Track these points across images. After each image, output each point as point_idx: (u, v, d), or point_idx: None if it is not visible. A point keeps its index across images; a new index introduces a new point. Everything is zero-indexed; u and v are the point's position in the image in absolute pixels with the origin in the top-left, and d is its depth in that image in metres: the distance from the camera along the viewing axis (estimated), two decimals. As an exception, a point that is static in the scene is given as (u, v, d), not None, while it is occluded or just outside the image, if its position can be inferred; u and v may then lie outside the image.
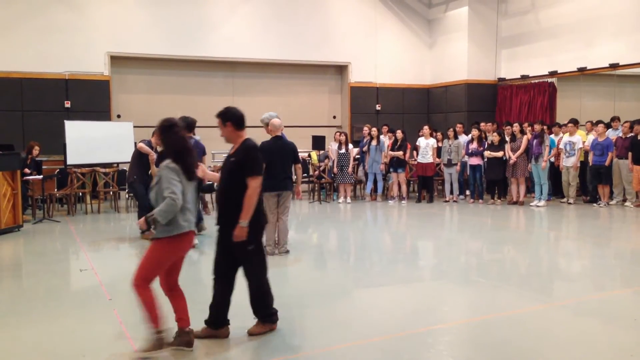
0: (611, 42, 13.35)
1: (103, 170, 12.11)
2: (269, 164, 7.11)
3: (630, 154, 11.47)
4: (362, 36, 16.78)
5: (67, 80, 13.69)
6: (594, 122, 12.52)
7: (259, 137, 7.62)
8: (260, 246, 4.72)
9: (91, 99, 13.77)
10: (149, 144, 8.90)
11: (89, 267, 6.99)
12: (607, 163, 11.74)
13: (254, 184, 4.48)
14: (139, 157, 8.97)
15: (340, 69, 17.11)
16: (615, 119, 12.44)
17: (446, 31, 16.94)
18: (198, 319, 4.52)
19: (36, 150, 11.58)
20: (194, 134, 8.64)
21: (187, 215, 4.23)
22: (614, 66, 13.25)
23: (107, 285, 6.19)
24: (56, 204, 11.72)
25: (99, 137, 12.42)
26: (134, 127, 13.17)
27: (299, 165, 7.98)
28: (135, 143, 9.47)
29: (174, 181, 4.10)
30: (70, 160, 12.07)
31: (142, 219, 4.13)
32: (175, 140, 4.25)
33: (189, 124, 8.30)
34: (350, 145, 13.30)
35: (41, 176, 11.11)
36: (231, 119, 4.64)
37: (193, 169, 4.31)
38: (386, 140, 13.37)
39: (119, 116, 14.38)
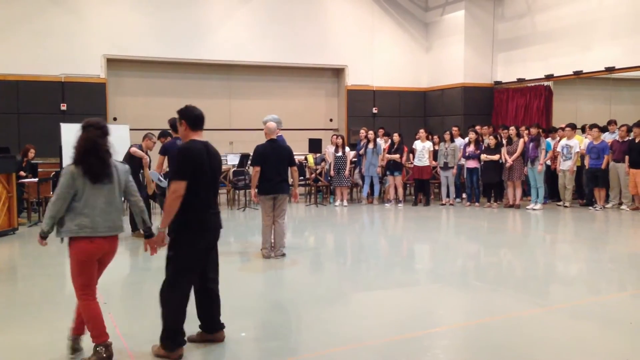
0: (607, 45, 13.38)
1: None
2: (263, 167, 7.42)
3: (627, 157, 11.49)
4: (359, 39, 16.80)
5: (63, 83, 13.67)
6: (589, 125, 12.55)
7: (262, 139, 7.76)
8: (184, 263, 4.20)
9: (87, 101, 13.74)
10: (139, 148, 9.11)
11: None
12: (603, 166, 11.76)
13: (173, 188, 4.14)
14: (130, 161, 8.97)
15: (337, 72, 17.12)
16: (612, 122, 12.47)
17: (443, 34, 16.97)
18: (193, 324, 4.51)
19: (32, 153, 11.55)
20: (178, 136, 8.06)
21: (79, 220, 3.99)
22: (610, 70, 13.29)
23: (102, 289, 6.13)
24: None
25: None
26: (130, 130, 13.13)
27: (295, 168, 7.93)
28: (131, 146, 9.50)
29: (61, 185, 3.98)
30: (66, 163, 12.01)
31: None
32: (81, 140, 4.04)
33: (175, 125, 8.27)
34: (347, 148, 13.29)
35: (37, 179, 11.07)
36: (186, 117, 4.36)
37: (100, 171, 4.02)
38: (382, 143, 13.38)
39: (115, 119, 14.36)
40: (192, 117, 4.37)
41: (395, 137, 13.08)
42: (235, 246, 9.22)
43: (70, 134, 12.03)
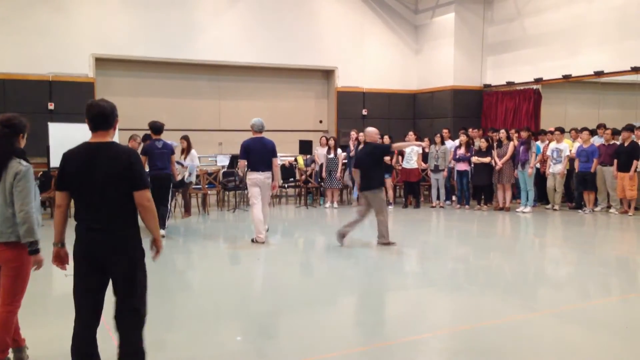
0: (596, 50, 13.47)
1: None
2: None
3: (615, 161, 11.56)
4: (348, 41, 16.79)
5: (50, 82, 13.52)
6: (579, 129, 12.63)
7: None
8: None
9: (75, 101, 13.53)
10: None
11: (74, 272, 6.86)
12: (592, 169, 11.83)
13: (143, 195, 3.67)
14: None
15: (327, 74, 17.10)
16: (601, 126, 12.52)
17: (432, 37, 17.01)
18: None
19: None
20: (160, 137, 9.59)
21: None
22: (599, 74, 13.37)
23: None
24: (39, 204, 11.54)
25: (83, 140, 12.05)
26: (119, 129, 12.99)
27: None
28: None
29: None
30: (53, 163, 11.90)
31: None
32: None
33: (157, 128, 9.56)
34: (339, 150, 13.26)
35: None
36: (86, 116, 3.70)
37: None
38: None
39: (103, 119, 14.21)
40: (89, 118, 3.65)
41: (385, 139, 13.06)
42: (224, 248, 9.16)
43: (58, 133, 11.99)
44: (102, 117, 3.62)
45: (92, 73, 13.93)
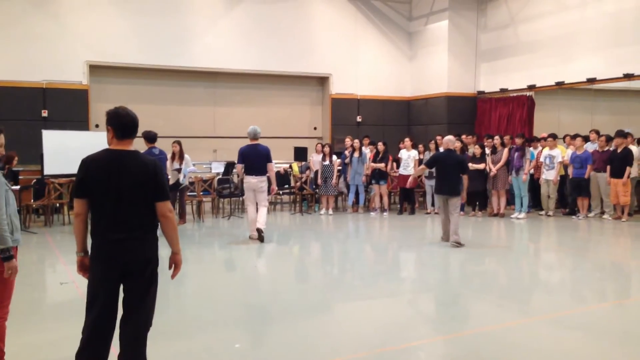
0: (588, 57, 13.57)
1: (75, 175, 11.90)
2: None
3: (608, 167, 11.62)
4: (343, 48, 16.84)
5: (44, 89, 13.49)
6: (572, 135, 12.69)
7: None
8: (87, 295, 3.59)
9: (69, 108, 13.57)
10: None
11: (70, 280, 6.83)
12: (586, 175, 11.88)
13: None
14: None
15: (322, 81, 17.14)
16: (592, 131, 12.56)
17: (426, 44, 17.08)
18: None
19: (15, 160, 11.35)
20: (155, 146, 10.36)
21: None
22: (591, 81, 13.46)
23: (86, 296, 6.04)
24: (33, 215, 11.50)
25: (77, 147, 12.08)
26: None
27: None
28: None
29: None
30: (47, 171, 11.87)
31: None
32: None
33: (152, 137, 10.25)
34: (334, 157, 13.27)
35: (18, 187, 10.88)
36: (112, 124, 3.59)
37: None
38: (368, 152, 13.38)
39: (97, 126, 14.17)
40: (118, 125, 3.57)
41: (380, 146, 13.11)
42: (220, 255, 9.14)
43: (52, 140, 11.96)
44: (133, 126, 3.62)
45: (86, 80, 13.91)
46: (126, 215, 3.49)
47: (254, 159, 9.39)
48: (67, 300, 6.21)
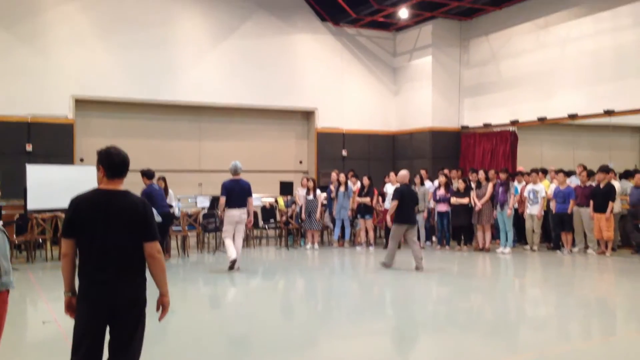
0: (569, 93, 13.84)
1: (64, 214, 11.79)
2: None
3: (591, 202, 11.74)
4: (328, 83, 17.02)
5: (29, 124, 13.44)
6: (556, 170, 12.84)
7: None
8: (73, 337, 3.54)
9: (54, 142, 13.52)
10: None
11: (52, 319, 6.71)
12: (569, 210, 11.99)
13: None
14: None
15: (307, 115, 17.26)
16: (581, 166, 12.62)
17: (411, 79, 17.33)
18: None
19: (-2, 194, 11.24)
20: (153, 182, 10.91)
21: None
22: (573, 117, 13.70)
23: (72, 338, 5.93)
24: (14, 251, 11.33)
25: (61, 182, 12.11)
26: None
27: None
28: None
29: None
30: (30, 205, 11.74)
31: None
32: None
33: (152, 174, 10.88)
34: (318, 191, 13.29)
35: (0, 222, 10.74)
36: (103, 163, 3.63)
37: None
38: (352, 186, 13.42)
39: (82, 160, 14.13)
40: (109, 164, 3.60)
41: (365, 180, 13.16)
42: (204, 290, 9.05)
43: (36, 175, 11.87)
44: (124, 166, 3.63)
45: (71, 114, 13.89)
46: (114, 256, 3.46)
47: (237, 193, 9.90)
48: (49, 340, 6.08)
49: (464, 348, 5.83)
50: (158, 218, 9.99)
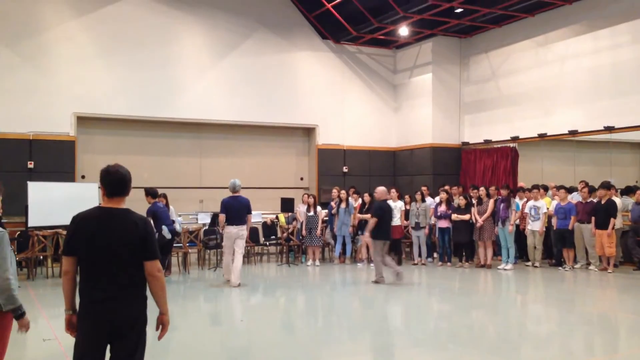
0: (569, 110, 13.89)
1: (65, 232, 11.79)
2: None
3: (593, 218, 11.73)
4: (329, 99, 17.10)
5: (31, 141, 13.48)
6: (557, 186, 12.83)
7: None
8: (74, 353, 3.55)
9: (55, 159, 13.54)
10: None
11: (53, 337, 6.68)
12: (570, 227, 11.97)
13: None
14: None
15: (308, 131, 17.31)
16: (583, 182, 12.58)
17: (411, 96, 17.40)
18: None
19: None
20: (157, 200, 11.19)
21: None
22: (573, 133, 13.73)
23: (72, 355, 5.91)
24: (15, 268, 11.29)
25: (63, 199, 12.12)
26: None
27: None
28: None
29: None
30: (31, 222, 11.73)
31: None
32: None
33: (155, 192, 11.25)
34: (319, 208, 13.29)
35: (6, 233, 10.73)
36: (102, 182, 3.65)
37: None
38: (354, 202, 13.43)
39: (83, 177, 14.16)
40: (107, 183, 3.60)
41: (366, 197, 13.16)
42: (205, 307, 9.03)
43: (37, 192, 11.89)
44: (122, 184, 3.61)
45: (73, 131, 13.93)
46: (114, 275, 3.46)
47: (236, 209, 10.16)
48: (50, 358, 6.06)
49: (466, 365, 5.80)
50: (168, 235, 10.74)
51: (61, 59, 13.90)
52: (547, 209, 12.39)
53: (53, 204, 11.93)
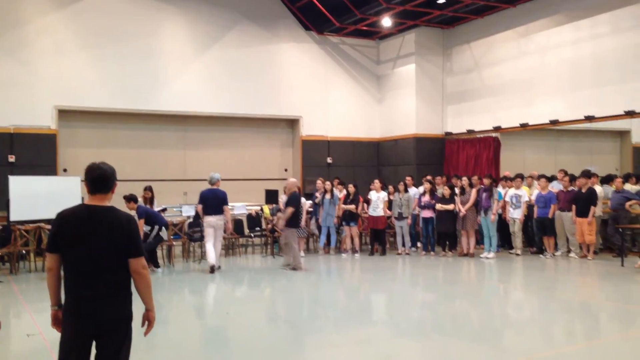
0: (550, 100, 14.03)
1: (48, 226, 11.71)
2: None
3: (574, 206, 11.89)
4: (313, 91, 17.10)
5: (12, 134, 13.35)
6: (537, 175, 13.00)
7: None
8: (59, 351, 3.55)
9: (37, 153, 13.43)
10: None
11: (37, 332, 6.66)
12: (550, 215, 12.13)
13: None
14: None
15: (292, 123, 17.31)
16: (562, 171, 12.78)
17: (395, 87, 17.45)
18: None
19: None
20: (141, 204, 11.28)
21: None
22: (554, 122, 13.88)
23: (57, 351, 5.90)
24: (-3, 263, 11.24)
25: (45, 193, 12.03)
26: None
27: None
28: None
29: None
30: (13, 217, 11.62)
31: None
32: None
33: (135, 198, 10.98)
34: (303, 199, 13.31)
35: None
36: (86, 179, 3.63)
37: None
38: (338, 193, 13.48)
39: (65, 170, 14.05)
40: (89, 180, 3.59)
41: (351, 187, 13.22)
42: (190, 300, 9.04)
43: (18, 186, 11.78)
44: (104, 180, 3.58)
45: (54, 125, 13.81)
46: (99, 272, 3.45)
47: (212, 201, 10.90)
48: (34, 352, 6.04)
49: (449, 354, 5.89)
50: (165, 237, 11.44)
51: (42, 52, 13.75)
52: (529, 197, 12.54)
53: (35, 198, 11.84)
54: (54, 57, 13.82)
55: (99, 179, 3.58)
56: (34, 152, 13.37)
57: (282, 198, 13.57)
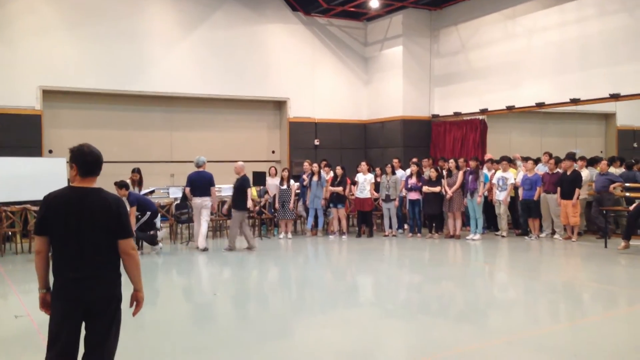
0: (536, 82, 14.08)
1: (34, 208, 11.64)
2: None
3: (558, 189, 12.02)
4: (300, 72, 17.02)
5: (-5, 115, 13.19)
6: (522, 158, 13.09)
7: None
8: (48, 333, 3.56)
9: (21, 134, 13.28)
10: None
11: (24, 313, 6.66)
12: (535, 197, 12.26)
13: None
14: None
15: (279, 105, 17.25)
16: (546, 154, 12.93)
17: (382, 69, 17.42)
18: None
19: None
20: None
21: None
22: (540, 105, 13.95)
23: (45, 332, 5.90)
24: (-17, 244, 11.16)
25: (30, 174, 11.96)
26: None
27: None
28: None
29: None
30: (-2, 198, 11.55)
31: None
32: None
33: (126, 184, 11.03)
34: (292, 181, 13.33)
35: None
36: (76, 161, 3.58)
37: None
38: (325, 175, 13.50)
39: (50, 151, 13.93)
40: (82, 163, 3.56)
41: (338, 169, 13.24)
42: (178, 282, 9.06)
43: (3, 167, 11.68)
44: (97, 164, 3.59)
45: (39, 105, 13.65)
46: (88, 254, 3.46)
47: (199, 183, 11.36)
48: (22, 334, 6.04)
49: (435, 334, 5.97)
50: (159, 225, 11.58)
51: (25, 32, 13.53)
52: (515, 179, 12.65)
53: (20, 179, 11.76)
54: (37, 36, 13.62)
55: (95, 162, 3.59)
56: (18, 133, 13.22)
57: (268, 180, 13.59)
